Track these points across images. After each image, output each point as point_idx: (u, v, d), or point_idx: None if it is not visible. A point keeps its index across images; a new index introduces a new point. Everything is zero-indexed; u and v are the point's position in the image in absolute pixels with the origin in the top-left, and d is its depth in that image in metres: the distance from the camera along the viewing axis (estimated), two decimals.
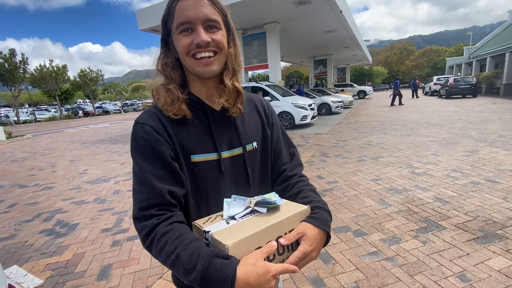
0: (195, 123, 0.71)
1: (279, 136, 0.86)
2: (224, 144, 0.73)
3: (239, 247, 0.55)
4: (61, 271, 2.27)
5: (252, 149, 0.78)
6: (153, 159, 0.64)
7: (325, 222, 0.66)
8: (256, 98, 0.88)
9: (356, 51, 22.23)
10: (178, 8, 0.65)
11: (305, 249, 0.60)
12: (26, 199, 4.18)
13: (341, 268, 2.04)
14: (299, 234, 0.61)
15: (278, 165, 0.84)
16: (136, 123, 0.68)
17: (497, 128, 6.95)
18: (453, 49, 66.50)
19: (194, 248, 0.55)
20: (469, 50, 30.15)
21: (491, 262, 1.98)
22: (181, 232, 0.59)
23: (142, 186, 0.64)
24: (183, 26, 0.65)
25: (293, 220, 0.63)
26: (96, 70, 32.67)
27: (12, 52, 22.27)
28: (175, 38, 0.67)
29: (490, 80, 20.47)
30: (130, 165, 5.97)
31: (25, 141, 12.39)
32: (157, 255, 0.59)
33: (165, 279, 2.06)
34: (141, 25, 10.58)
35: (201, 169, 0.70)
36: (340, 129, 8.86)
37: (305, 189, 0.76)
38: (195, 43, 0.64)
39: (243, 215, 0.64)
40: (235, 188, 0.75)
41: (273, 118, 0.87)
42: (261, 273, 0.52)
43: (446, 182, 3.57)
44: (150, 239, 0.60)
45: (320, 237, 0.64)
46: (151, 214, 0.61)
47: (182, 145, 0.68)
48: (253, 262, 0.53)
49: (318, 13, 10.48)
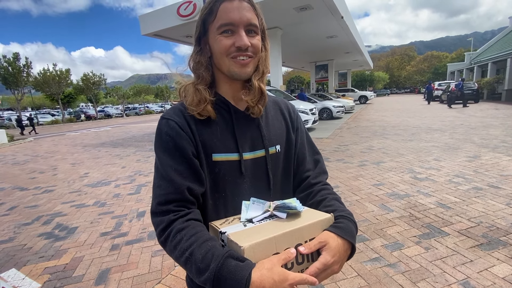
0: (218, 122, 0.71)
1: (303, 142, 0.84)
2: (246, 145, 0.73)
3: (255, 250, 0.52)
4: (59, 275, 2.24)
5: (275, 152, 0.77)
6: (175, 154, 0.65)
7: (350, 232, 0.61)
8: (281, 101, 0.87)
9: (357, 56, 22.32)
10: (222, 9, 0.65)
11: (326, 260, 0.55)
12: (26, 202, 4.17)
13: (343, 275, 2.00)
14: (320, 243, 0.57)
15: (301, 171, 0.81)
16: (161, 119, 0.69)
17: (500, 134, 6.91)
18: (454, 54, 66.78)
19: (209, 247, 0.54)
20: (470, 56, 30.22)
21: (495, 269, 1.94)
22: (197, 229, 0.59)
23: (162, 180, 0.64)
24: (225, 27, 0.65)
25: (314, 228, 0.59)
26: (99, 74, 32.95)
27: (16, 56, 22.52)
28: (214, 38, 0.67)
29: (492, 85, 20.48)
30: (130, 169, 5.97)
31: (27, 144, 12.44)
32: (171, 251, 0.59)
33: (163, 284, 2.04)
34: (144, 30, 10.68)
35: (221, 169, 0.70)
36: (341, 133, 8.84)
37: (329, 197, 0.73)
38: (237, 46, 0.65)
39: (261, 218, 0.62)
40: (255, 191, 0.73)
41: (298, 122, 0.85)
42: (278, 280, 0.49)
43: (449, 188, 3.54)
44: (165, 235, 0.59)
45: (344, 249, 0.59)
46: (169, 209, 0.61)
47: (204, 143, 0.68)
48: (270, 267, 0.50)
49: (320, 19, 10.55)
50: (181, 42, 12.47)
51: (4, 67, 22.00)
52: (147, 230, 2.95)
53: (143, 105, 48.78)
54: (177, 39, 12.04)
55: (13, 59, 22.35)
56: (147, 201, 3.88)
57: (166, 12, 9.79)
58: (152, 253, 2.49)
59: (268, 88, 10.19)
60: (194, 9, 8.96)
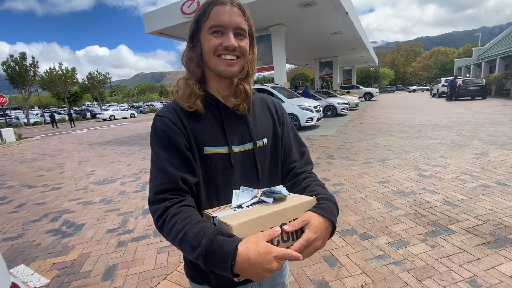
0: (209, 118, 0.77)
1: (289, 135, 0.90)
2: (235, 139, 0.78)
3: (242, 228, 0.57)
4: (66, 270, 2.28)
5: (263, 145, 0.82)
6: (169, 148, 0.70)
7: (330, 211, 0.67)
8: (268, 98, 0.93)
9: (362, 52, 22.11)
10: (214, 11, 0.71)
11: (309, 236, 0.60)
12: (34, 199, 4.24)
13: (347, 272, 2.00)
14: (303, 221, 0.62)
15: (288, 162, 0.87)
16: (156, 116, 0.75)
17: (508, 130, 6.79)
18: (462, 50, 65.65)
19: (200, 227, 0.59)
20: (478, 51, 29.66)
21: (503, 267, 1.92)
22: (190, 213, 0.64)
23: (158, 172, 0.69)
24: (215, 28, 0.71)
25: (298, 209, 0.65)
26: (104, 73, 33.21)
27: (23, 55, 22.80)
28: (205, 37, 0.73)
29: (500, 81, 20.09)
30: (136, 166, 6.02)
31: (35, 142, 12.63)
32: (167, 234, 0.63)
33: (169, 280, 2.06)
34: (148, 28, 10.72)
35: (213, 161, 0.75)
36: (346, 131, 8.78)
37: (313, 183, 0.79)
38: (224, 46, 0.71)
39: (250, 204, 0.67)
40: (245, 181, 0.78)
41: (284, 117, 0.91)
42: (262, 252, 0.53)
43: (455, 185, 3.50)
44: (162, 220, 0.64)
45: (325, 226, 0.65)
46: (165, 197, 0.66)
47: (196, 137, 0.74)
48: (255, 241, 0.55)
49: (324, 15, 10.46)
50: (185, 40, 12.42)
51: (11, 67, 22.30)
52: (152, 227, 2.98)
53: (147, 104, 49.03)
54: (181, 37, 12.07)
55: (20, 58, 22.64)
56: None
57: (170, 10, 9.81)
58: (157, 250, 2.51)
59: (272, 86, 10.16)
60: (197, 7, 8.93)
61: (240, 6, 0.74)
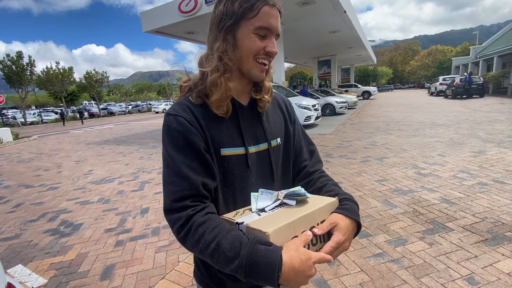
0: (225, 118, 0.72)
1: (299, 133, 0.88)
2: (251, 139, 0.75)
3: (278, 235, 0.55)
4: (64, 270, 2.27)
5: (276, 145, 0.80)
6: (186, 150, 0.65)
7: (355, 212, 0.67)
8: (278, 96, 0.90)
9: (361, 51, 22.11)
10: (264, 11, 0.65)
11: (338, 239, 0.60)
12: (31, 199, 4.22)
13: (346, 270, 2.00)
14: (331, 224, 0.62)
15: (299, 161, 0.86)
16: (168, 115, 0.68)
17: (505, 129, 6.83)
18: (459, 48, 65.77)
19: (234, 236, 0.56)
20: (476, 50, 29.79)
21: (500, 264, 1.93)
22: (217, 221, 0.60)
23: (175, 177, 0.63)
24: (264, 31, 0.66)
25: (323, 211, 0.64)
26: (102, 72, 33.03)
27: (20, 54, 22.63)
28: (248, 35, 0.66)
29: (498, 80, 20.18)
30: (134, 166, 6.00)
31: (32, 142, 12.56)
32: (193, 245, 0.59)
33: (167, 279, 2.05)
34: (146, 27, 10.65)
35: (230, 163, 0.71)
36: (344, 129, 8.79)
37: (329, 183, 0.78)
38: (267, 51, 0.67)
39: (273, 207, 0.65)
40: (261, 183, 0.76)
41: (295, 115, 0.90)
42: (304, 259, 0.53)
43: (453, 183, 3.51)
44: (185, 230, 0.59)
45: (352, 228, 0.65)
46: (186, 205, 0.61)
47: (213, 138, 0.69)
48: (296, 248, 0.54)
49: (322, 14, 10.44)
50: (183, 38, 12.43)
51: (8, 66, 22.13)
52: (151, 227, 2.97)
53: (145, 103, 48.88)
54: (179, 36, 12.00)
55: (16, 57, 22.46)
56: (151, 197, 3.90)
57: (168, 8, 9.75)
58: (156, 249, 2.51)
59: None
60: (195, 5, 8.90)
61: (280, 11, 0.69)
